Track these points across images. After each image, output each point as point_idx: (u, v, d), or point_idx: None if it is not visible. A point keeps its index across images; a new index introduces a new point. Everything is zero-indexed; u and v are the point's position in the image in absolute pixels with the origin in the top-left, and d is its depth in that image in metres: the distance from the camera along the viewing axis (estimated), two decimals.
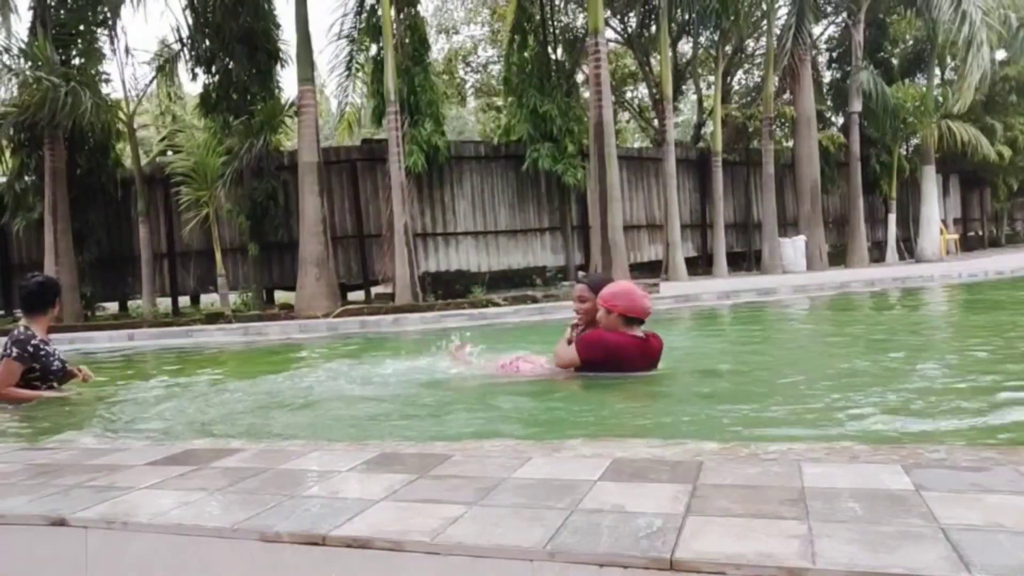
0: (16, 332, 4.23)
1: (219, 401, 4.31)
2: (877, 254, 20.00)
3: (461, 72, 24.47)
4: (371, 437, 3.03)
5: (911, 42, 21.41)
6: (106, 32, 13.92)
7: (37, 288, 4.27)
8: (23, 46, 12.67)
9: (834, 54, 21.78)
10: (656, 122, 19.25)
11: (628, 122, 28.31)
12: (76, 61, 13.32)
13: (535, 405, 3.59)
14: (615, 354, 3.92)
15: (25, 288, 4.30)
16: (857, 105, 18.06)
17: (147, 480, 1.98)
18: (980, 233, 27.28)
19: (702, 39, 18.75)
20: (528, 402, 3.66)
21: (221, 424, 3.60)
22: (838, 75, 21.52)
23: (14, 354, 4.13)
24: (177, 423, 3.74)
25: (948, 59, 20.73)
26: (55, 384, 4.35)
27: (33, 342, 4.20)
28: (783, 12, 18.03)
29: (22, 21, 17.65)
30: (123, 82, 14.18)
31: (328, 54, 26.23)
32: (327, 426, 3.47)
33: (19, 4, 13.22)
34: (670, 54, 17.40)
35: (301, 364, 6.53)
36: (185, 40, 13.70)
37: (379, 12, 13.29)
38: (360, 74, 15.88)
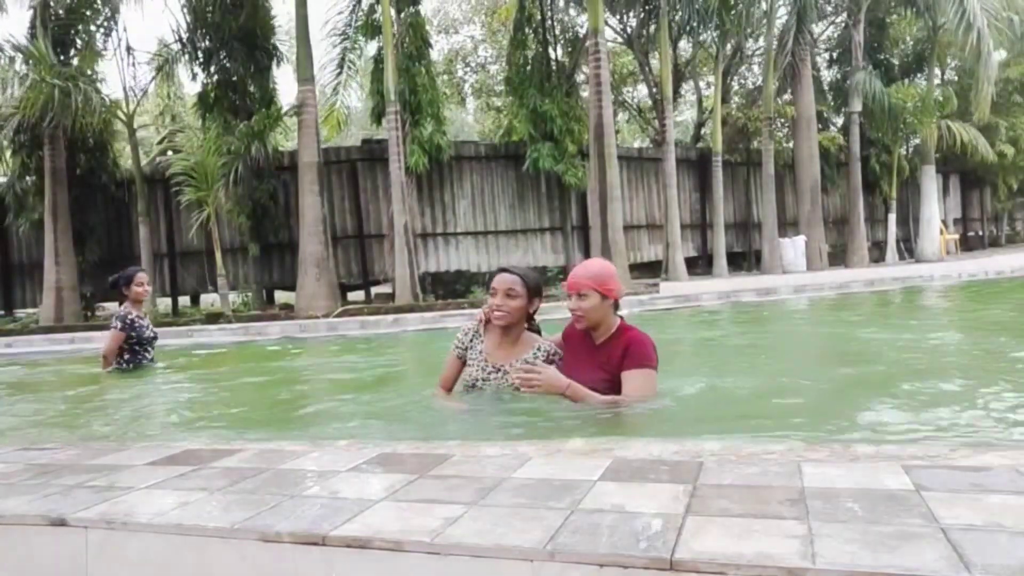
0: (120, 310, 5.69)
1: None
2: (877, 254, 20.00)
3: (460, 72, 24.47)
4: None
5: (911, 42, 21.40)
6: (106, 32, 13.93)
7: (110, 283, 5.82)
8: (17, 44, 12.64)
9: (834, 54, 21.77)
10: (656, 122, 19.25)
11: (628, 122, 28.30)
12: (75, 61, 13.31)
13: None
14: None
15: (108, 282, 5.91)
16: (857, 105, 18.05)
17: (147, 480, 1.97)
18: (980, 233, 27.25)
19: (702, 39, 18.75)
20: None
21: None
22: (838, 75, 21.51)
23: (119, 326, 5.56)
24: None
25: (948, 60, 20.73)
26: (150, 349, 5.78)
27: (130, 317, 5.60)
28: (783, 12, 18.04)
29: (10, 18, 17.61)
30: (123, 82, 14.17)
31: (320, 51, 26.06)
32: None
33: (16, 4, 13.09)
34: (670, 54, 17.40)
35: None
36: (184, 39, 13.70)
37: (379, 11, 13.29)
38: (355, 73, 15.85)
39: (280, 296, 15.66)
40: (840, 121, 21.36)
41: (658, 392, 3.01)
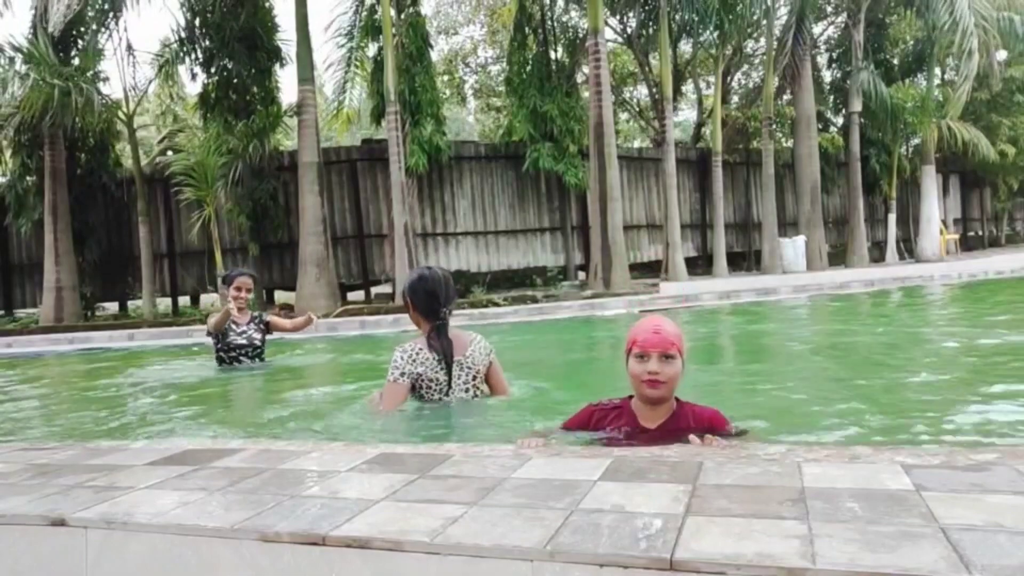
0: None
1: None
2: (877, 254, 20.00)
3: (460, 73, 24.48)
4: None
5: (911, 42, 21.40)
6: (106, 32, 13.92)
7: (222, 278, 5.73)
8: (17, 44, 12.63)
9: (834, 54, 21.77)
10: (656, 122, 19.24)
11: (628, 122, 28.29)
12: (75, 61, 13.31)
13: None
14: None
15: None
16: (857, 105, 18.05)
17: (147, 480, 1.97)
18: (980, 233, 27.25)
19: (702, 39, 18.76)
20: None
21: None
22: (838, 75, 21.51)
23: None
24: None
25: (948, 59, 20.72)
26: (241, 358, 5.62)
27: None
28: (783, 12, 18.04)
29: (15, 17, 17.54)
30: (123, 82, 14.16)
31: (325, 52, 26.21)
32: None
33: (16, 4, 13.10)
34: (670, 54, 17.39)
35: None
36: (185, 39, 13.69)
37: (379, 11, 13.29)
38: (360, 72, 15.87)
39: (280, 296, 15.66)
40: (840, 121, 21.35)
41: None
